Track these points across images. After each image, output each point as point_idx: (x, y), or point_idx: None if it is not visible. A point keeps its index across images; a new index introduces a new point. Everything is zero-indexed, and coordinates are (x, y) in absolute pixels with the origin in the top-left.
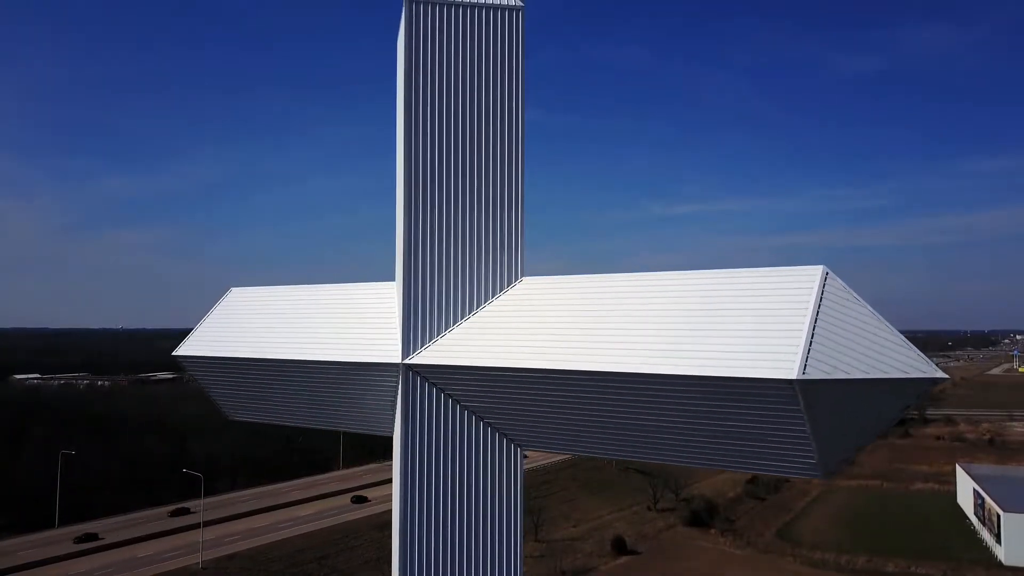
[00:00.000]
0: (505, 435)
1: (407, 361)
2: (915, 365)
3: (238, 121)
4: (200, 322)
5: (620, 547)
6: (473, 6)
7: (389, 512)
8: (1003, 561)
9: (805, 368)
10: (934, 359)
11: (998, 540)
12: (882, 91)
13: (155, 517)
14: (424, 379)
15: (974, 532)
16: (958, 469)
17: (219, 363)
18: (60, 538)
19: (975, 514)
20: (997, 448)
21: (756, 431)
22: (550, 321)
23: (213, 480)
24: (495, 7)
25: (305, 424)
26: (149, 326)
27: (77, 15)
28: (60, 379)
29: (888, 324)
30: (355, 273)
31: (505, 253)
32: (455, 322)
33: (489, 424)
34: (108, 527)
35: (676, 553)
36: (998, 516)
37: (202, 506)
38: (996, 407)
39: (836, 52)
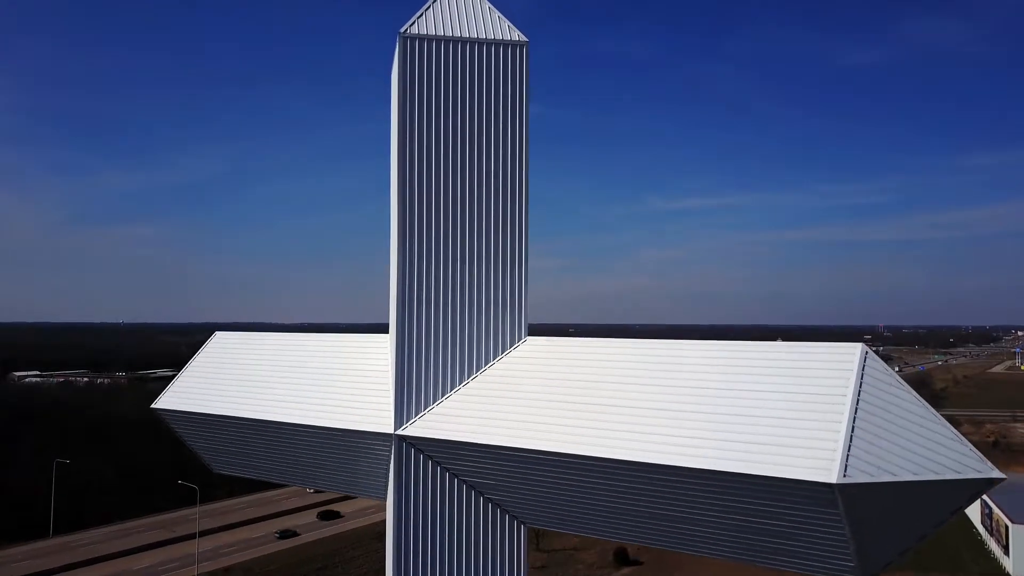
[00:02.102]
0: (507, 511)
1: (400, 432)
2: (969, 463)
3: (240, 117)
4: (181, 372)
5: (622, 558)
6: (473, 42)
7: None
8: (1011, 573)
9: (846, 469)
10: (935, 355)
11: (1007, 552)
12: (883, 85)
13: (151, 526)
14: (419, 451)
15: (982, 542)
16: None
17: (200, 419)
18: (53, 549)
19: (982, 524)
20: (1002, 451)
21: (788, 530)
22: (557, 392)
23: (211, 487)
24: (497, 43)
25: (292, 483)
26: (151, 321)
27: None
28: (59, 377)
29: (936, 414)
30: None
31: (506, 311)
32: (453, 388)
33: (490, 500)
34: (104, 536)
35: (678, 564)
36: (1007, 527)
37: (198, 515)
38: (999, 407)
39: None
